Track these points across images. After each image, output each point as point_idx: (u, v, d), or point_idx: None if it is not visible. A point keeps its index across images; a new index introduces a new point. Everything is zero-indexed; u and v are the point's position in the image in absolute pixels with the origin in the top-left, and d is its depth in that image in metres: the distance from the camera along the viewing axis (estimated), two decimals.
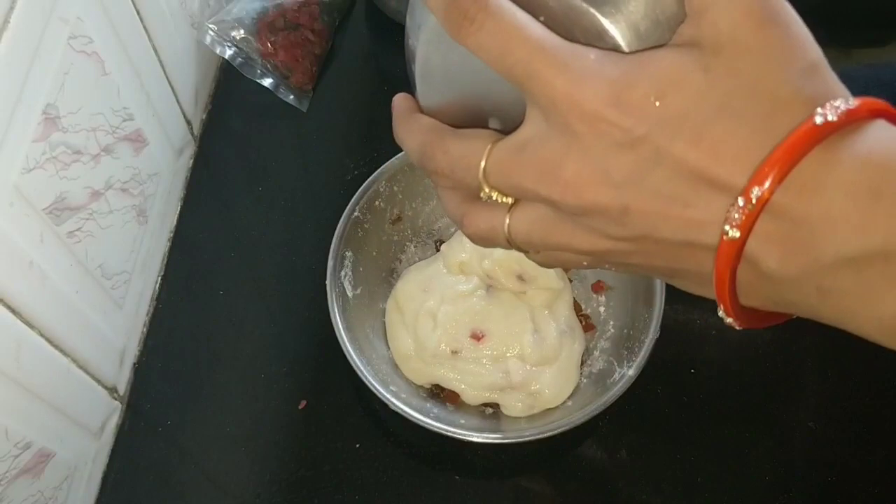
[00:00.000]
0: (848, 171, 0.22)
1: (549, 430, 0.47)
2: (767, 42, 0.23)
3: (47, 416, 0.45)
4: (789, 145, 0.22)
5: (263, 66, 0.65)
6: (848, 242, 0.22)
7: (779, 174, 0.22)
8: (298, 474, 0.51)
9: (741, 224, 0.23)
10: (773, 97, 0.23)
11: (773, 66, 0.23)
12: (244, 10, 0.64)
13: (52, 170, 0.42)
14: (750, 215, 0.23)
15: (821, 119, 0.22)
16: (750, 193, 0.23)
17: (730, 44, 0.23)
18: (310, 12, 0.66)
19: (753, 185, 0.23)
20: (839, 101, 0.23)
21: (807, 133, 0.22)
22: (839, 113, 0.23)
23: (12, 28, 0.37)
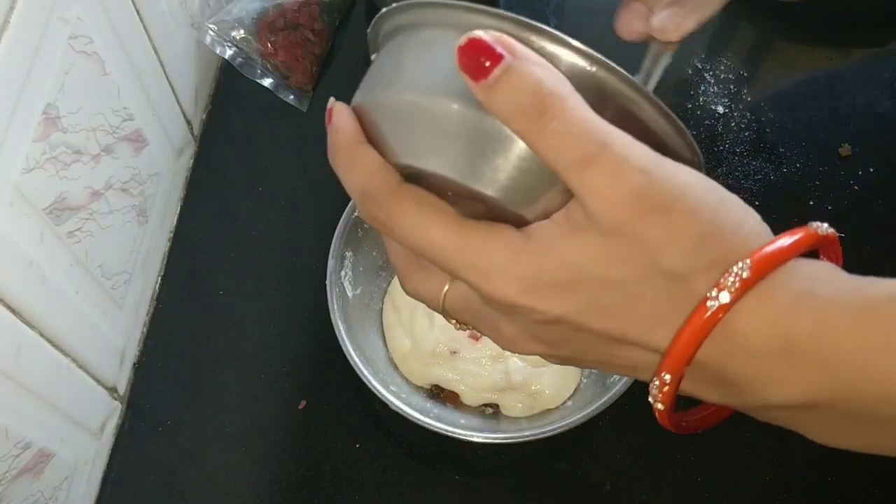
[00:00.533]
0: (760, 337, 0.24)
1: (549, 430, 0.47)
2: (650, 230, 0.24)
3: (47, 416, 0.45)
4: (689, 334, 0.24)
5: (263, 66, 0.65)
6: (773, 398, 0.25)
7: (678, 364, 0.25)
8: (298, 474, 0.51)
9: (663, 399, 0.26)
10: (665, 280, 0.25)
11: (661, 252, 0.24)
12: (244, 10, 0.64)
13: (52, 170, 0.42)
14: (667, 394, 0.26)
15: (713, 304, 0.24)
16: (662, 376, 0.25)
17: (614, 234, 0.24)
18: (310, 12, 0.66)
19: (663, 372, 0.25)
20: (733, 277, 0.24)
21: (704, 322, 0.24)
22: (734, 289, 0.24)
23: (12, 28, 0.37)
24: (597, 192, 0.24)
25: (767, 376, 0.25)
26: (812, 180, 0.61)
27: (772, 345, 0.24)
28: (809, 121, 0.65)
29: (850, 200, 0.60)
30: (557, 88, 0.24)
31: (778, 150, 0.63)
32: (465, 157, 0.26)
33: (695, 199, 0.24)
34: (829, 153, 0.62)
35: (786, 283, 0.24)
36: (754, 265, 0.24)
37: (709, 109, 0.65)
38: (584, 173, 0.24)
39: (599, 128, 0.24)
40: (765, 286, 0.24)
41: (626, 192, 0.24)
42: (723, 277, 0.24)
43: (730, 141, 0.63)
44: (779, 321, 0.24)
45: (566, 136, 0.24)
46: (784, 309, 0.24)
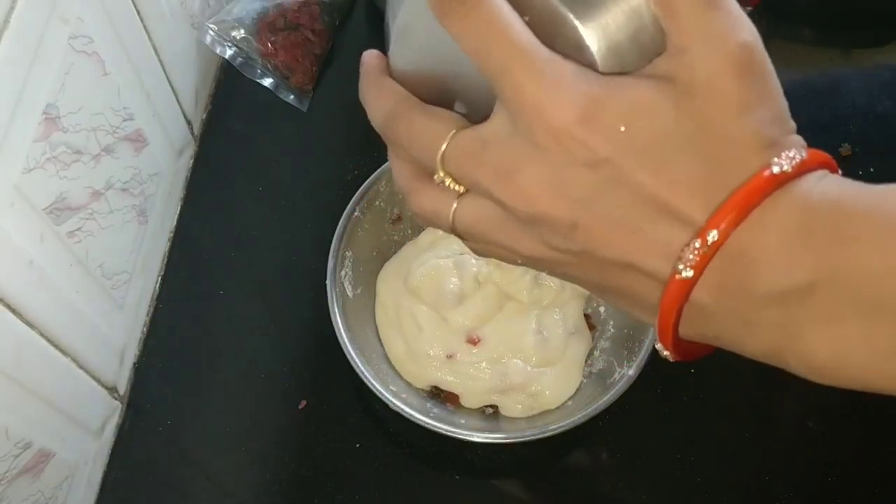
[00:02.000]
0: (786, 213, 0.24)
1: (550, 430, 0.47)
2: (739, 93, 0.24)
3: (47, 416, 0.45)
4: (747, 191, 0.24)
5: (263, 66, 0.65)
6: (777, 277, 0.23)
7: (734, 219, 0.24)
8: (298, 474, 0.51)
9: (695, 265, 0.24)
10: (735, 143, 0.24)
11: (740, 116, 0.24)
12: (244, 10, 0.64)
13: (52, 170, 0.42)
14: (704, 256, 0.24)
15: (777, 169, 0.24)
16: (706, 236, 0.24)
17: (703, 89, 0.24)
18: (310, 12, 0.66)
19: (710, 228, 0.24)
20: (794, 152, 0.24)
21: (764, 181, 0.24)
22: (793, 164, 0.24)
23: (12, 28, 0.37)
24: (710, 39, 0.24)
25: (782, 254, 0.24)
26: None
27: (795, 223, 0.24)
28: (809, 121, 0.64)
29: None
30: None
31: None
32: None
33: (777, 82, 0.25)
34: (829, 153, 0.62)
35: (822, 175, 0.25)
36: (808, 153, 0.24)
37: None
38: (700, 15, 0.24)
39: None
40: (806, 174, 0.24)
41: (738, 43, 0.24)
42: (782, 153, 0.24)
43: None
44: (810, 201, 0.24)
45: None
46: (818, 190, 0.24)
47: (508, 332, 0.52)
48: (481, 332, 0.52)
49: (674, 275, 0.24)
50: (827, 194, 0.24)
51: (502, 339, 0.52)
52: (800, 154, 0.24)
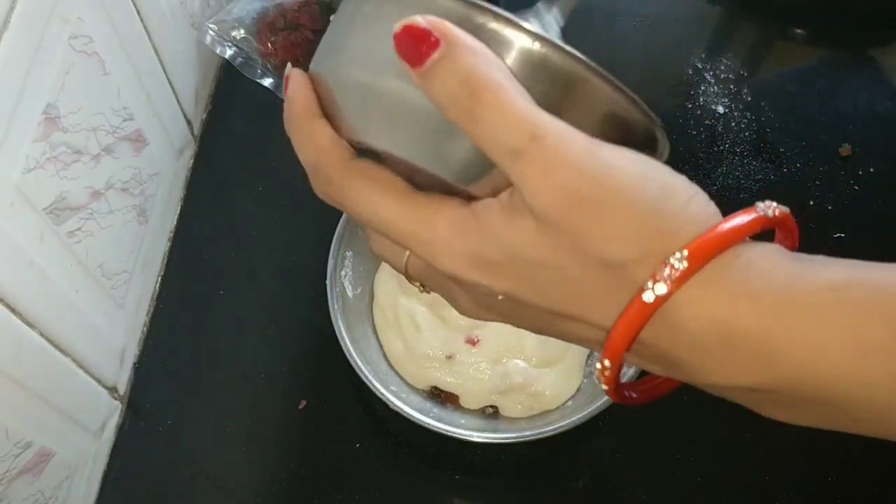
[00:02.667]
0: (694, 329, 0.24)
1: (549, 430, 0.47)
2: (581, 223, 0.24)
3: (47, 416, 0.45)
4: (624, 327, 0.25)
5: (263, 66, 0.65)
6: (717, 380, 0.25)
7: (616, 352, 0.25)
8: (298, 474, 0.51)
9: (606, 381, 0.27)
10: (602, 267, 0.25)
11: (594, 243, 0.24)
12: (244, 10, 0.64)
13: (52, 170, 0.42)
14: (609, 376, 0.26)
15: (649, 296, 0.24)
16: (604, 362, 0.26)
17: (552, 221, 0.24)
18: (310, 12, 0.66)
19: (603, 358, 0.26)
20: (668, 269, 0.24)
21: (639, 311, 0.24)
22: (671, 280, 0.24)
23: (12, 28, 0.37)
24: (528, 184, 0.24)
25: (711, 362, 0.24)
26: (812, 180, 0.61)
27: (711, 335, 0.24)
28: (809, 121, 0.64)
29: (850, 200, 0.60)
30: (491, 76, 0.24)
31: (778, 150, 0.63)
32: (413, 137, 0.26)
33: (631, 189, 0.24)
34: (829, 153, 0.62)
35: (725, 273, 0.24)
36: (691, 255, 0.24)
37: (709, 109, 0.65)
38: (515, 165, 0.24)
39: (532, 118, 0.24)
40: (704, 275, 0.24)
41: (556, 187, 0.24)
42: (659, 268, 0.24)
43: (730, 141, 0.63)
44: (717, 312, 0.24)
45: (497, 126, 0.24)
46: (722, 300, 0.24)
47: (509, 333, 0.52)
48: (481, 333, 0.52)
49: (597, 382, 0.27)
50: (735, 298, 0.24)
51: (502, 339, 0.52)
52: (679, 264, 0.24)
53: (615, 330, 0.25)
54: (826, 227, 0.59)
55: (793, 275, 0.24)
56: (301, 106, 0.29)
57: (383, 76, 0.26)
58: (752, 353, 0.24)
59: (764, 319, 0.23)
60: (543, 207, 0.24)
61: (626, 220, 0.24)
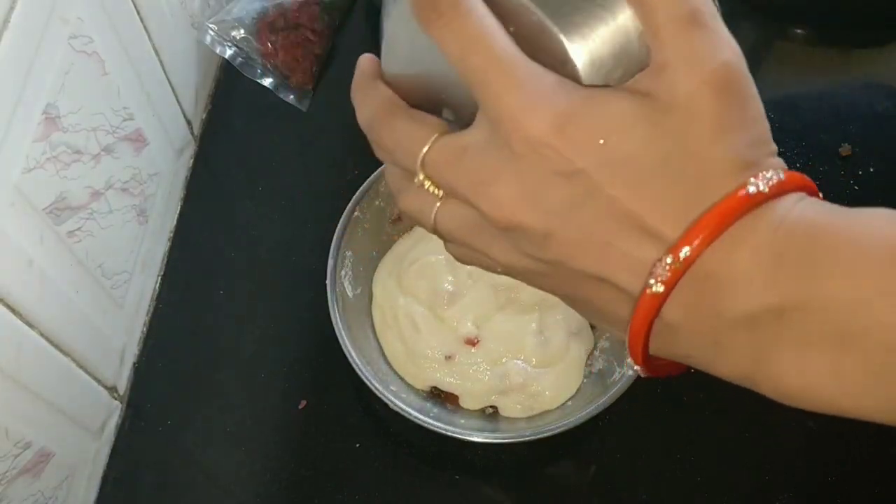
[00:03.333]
0: (760, 236, 0.24)
1: (549, 430, 0.47)
2: (719, 113, 0.24)
3: (47, 416, 0.45)
4: (722, 210, 0.23)
5: (263, 66, 0.65)
6: (747, 300, 0.24)
7: (708, 237, 0.23)
8: (298, 474, 0.51)
9: (666, 280, 0.24)
10: (711, 163, 0.24)
11: (718, 136, 0.24)
12: (244, 10, 0.64)
13: (52, 169, 0.42)
14: (675, 273, 0.24)
15: (753, 189, 0.24)
16: (679, 252, 0.23)
17: (682, 108, 0.24)
18: (310, 12, 0.66)
19: (683, 245, 0.23)
20: (771, 174, 0.24)
21: (739, 201, 0.23)
22: (770, 185, 0.24)
23: (12, 28, 0.37)
24: (691, 57, 0.24)
25: (754, 277, 0.24)
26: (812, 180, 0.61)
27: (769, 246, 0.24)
28: (809, 121, 0.64)
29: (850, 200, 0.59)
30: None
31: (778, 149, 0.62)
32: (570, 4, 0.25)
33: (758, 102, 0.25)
34: (829, 153, 0.62)
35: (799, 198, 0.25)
36: (787, 175, 0.24)
37: None
38: (683, 33, 0.24)
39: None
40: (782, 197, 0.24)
41: (720, 63, 0.24)
42: (759, 174, 0.24)
43: None
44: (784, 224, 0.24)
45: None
46: (794, 214, 0.24)
47: (508, 333, 0.52)
48: (480, 333, 0.52)
49: (644, 290, 0.24)
50: (802, 219, 0.24)
51: (502, 340, 0.52)
52: (777, 176, 0.24)
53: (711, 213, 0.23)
54: None
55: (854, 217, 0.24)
56: (364, 70, 0.30)
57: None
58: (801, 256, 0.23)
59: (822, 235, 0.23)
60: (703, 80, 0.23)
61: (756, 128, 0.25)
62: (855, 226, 0.23)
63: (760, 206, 0.24)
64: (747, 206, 0.23)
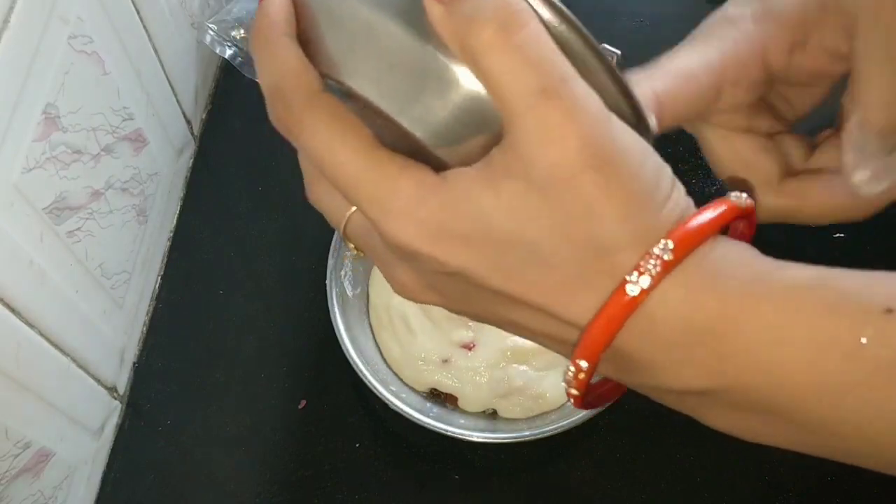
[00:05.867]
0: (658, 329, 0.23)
1: (549, 430, 0.47)
2: (587, 187, 0.22)
3: (47, 416, 0.45)
4: (605, 323, 0.23)
5: None
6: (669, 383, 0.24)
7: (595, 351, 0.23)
8: (298, 474, 0.51)
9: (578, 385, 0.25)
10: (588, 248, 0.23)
11: (592, 215, 0.22)
12: (244, 10, 0.64)
13: (52, 169, 0.42)
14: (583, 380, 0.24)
15: (633, 289, 0.23)
16: (578, 363, 0.24)
17: (540, 191, 0.22)
18: None
19: (578, 358, 0.24)
20: (653, 259, 0.22)
21: (623, 306, 0.23)
22: (655, 272, 0.22)
23: (12, 28, 0.37)
24: (545, 131, 0.22)
25: (668, 360, 0.24)
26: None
27: (676, 329, 0.23)
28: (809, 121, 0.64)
29: None
30: (524, 7, 0.22)
31: None
32: (397, 80, 0.24)
33: (636, 164, 0.23)
34: None
35: (699, 265, 0.23)
36: (677, 245, 0.22)
37: None
38: (537, 106, 0.22)
39: (563, 60, 0.22)
40: (679, 267, 0.23)
41: (576, 137, 0.22)
42: (643, 259, 0.22)
43: None
44: (686, 305, 0.23)
45: (528, 58, 0.22)
46: (693, 293, 0.23)
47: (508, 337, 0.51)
48: (476, 337, 0.52)
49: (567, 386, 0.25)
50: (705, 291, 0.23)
51: (500, 343, 0.51)
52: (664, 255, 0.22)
53: (595, 326, 0.23)
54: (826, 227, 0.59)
55: (761, 271, 0.23)
56: (273, 20, 0.25)
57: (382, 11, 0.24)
58: (710, 345, 0.23)
59: (727, 312, 0.23)
60: (554, 160, 0.22)
61: (628, 196, 0.22)
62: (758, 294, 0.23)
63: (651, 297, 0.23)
64: (633, 306, 0.23)
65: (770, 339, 0.23)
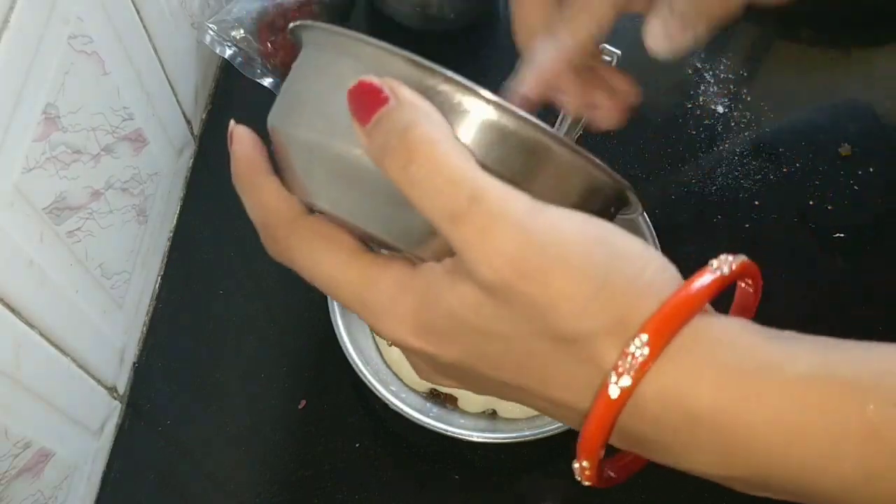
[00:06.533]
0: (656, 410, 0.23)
1: (549, 430, 0.47)
2: (529, 291, 0.22)
3: (47, 416, 0.45)
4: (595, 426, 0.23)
5: (263, 66, 0.65)
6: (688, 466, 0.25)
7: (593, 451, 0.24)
8: (298, 474, 0.51)
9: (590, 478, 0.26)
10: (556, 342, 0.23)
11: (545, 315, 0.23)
12: (244, 10, 0.64)
13: (52, 169, 0.42)
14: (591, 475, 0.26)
15: (615, 391, 0.23)
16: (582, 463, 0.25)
17: (497, 290, 0.23)
18: (310, 12, 0.66)
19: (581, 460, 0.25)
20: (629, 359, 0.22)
21: (609, 408, 0.23)
22: (633, 371, 0.22)
23: (12, 28, 0.37)
24: (469, 251, 0.22)
25: (678, 444, 0.23)
26: (812, 180, 0.61)
27: (676, 417, 0.23)
28: (809, 121, 0.64)
29: (850, 200, 0.60)
30: (430, 134, 0.23)
31: (778, 150, 0.63)
32: (355, 199, 0.26)
33: (580, 256, 0.22)
34: (829, 153, 0.62)
35: (688, 349, 0.23)
36: (652, 339, 0.22)
37: (709, 109, 0.65)
38: (455, 230, 0.23)
39: (470, 178, 0.23)
40: (666, 353, 0.23)
41: (497, 255, 0.22)
42: (622, 358, 0.22)
43: (730, 141, 0.63)
44: (680, 391, 0.23)
45: (433, 187, 0.22)
46: (684, 379, 0.23)
47: None
48: None
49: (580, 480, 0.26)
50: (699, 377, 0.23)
51: None
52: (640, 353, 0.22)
53: (586, 430, 0.24)
54: (826, 227, 0.59)
55: (761, 358, 0.23)
56: (245, 163, 0.28)
57: (330, 136, 0.25)
58: (715, 437, 0.23)
59: (725, 405, 0.22)
60: (486, 275, 0.22)
61: (576, 289, 0.22)
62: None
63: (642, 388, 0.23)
64: (619, 405, 0.23)
65: (779, 432, 0.22)
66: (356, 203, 0.26)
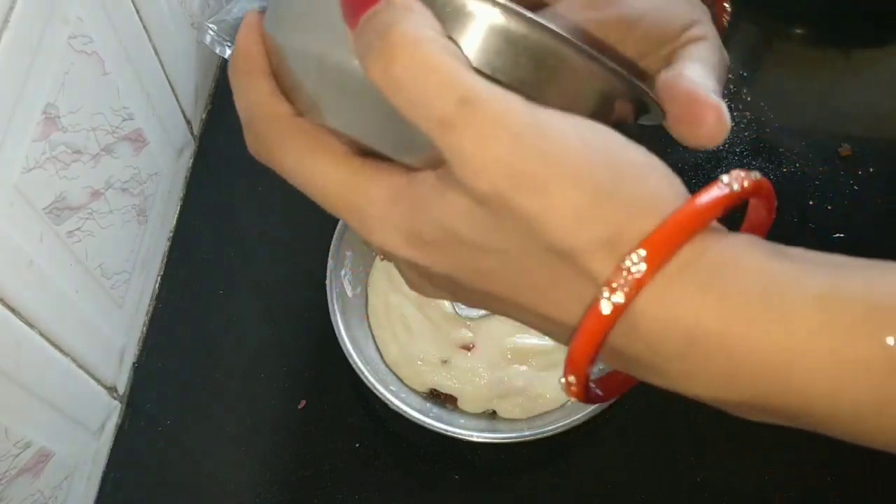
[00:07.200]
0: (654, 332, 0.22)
1: (549, 429, 0.47)
2: (523, 202, 0.21)
3: (47, 416, 0.45)
4: (584, 342, 0.22)
5: None
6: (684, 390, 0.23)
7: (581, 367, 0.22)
8: (298, 474, 0.51)
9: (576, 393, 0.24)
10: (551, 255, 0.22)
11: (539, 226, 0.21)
12: (244, 10, 0.64)
13: (52, 169, 0.42)
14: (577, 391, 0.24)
15: (606, 307, 0.21)
16: (569, 379, 0.23)
17: (489, 201, 0.21)
18: None
19: (568, 375, 0.23)
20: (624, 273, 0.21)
21: (599, 323, 0.21)
22: (627, 289, 0.21)
23: (12, 28, 0.37)
24: (459, 159, 0.21)
25: (675, 368, 0.22)
26: (812, 180, 0.61)
27: (675, 339, 0.21)
28: (809, 121, 0.64)
29: (850, 200, 0.60)
30: (414, 32, 0.21)
31: (778, 150, 0.63)
32: (344, 107, 0.25)
33: (578, 165, 0.21)
34: (829, 153, 0.62)
35: (690, 268, 0.21)
36: (649, 255, 0.21)
37: None
38: (444, 136, 0.21)
39: (460, 80, 0.21)
40: (667, 272, 0.21)
41: (490, 162, 0.21)
42: (615, 273, 0.21)
43: (730, 141, 0.63)
44: (678, 312, 0.21)
45: (418, 89, 0.21)
46: (685, 300, 0.21)
47: (507, 337, 0.51)
48: (475, 338, 0.52)
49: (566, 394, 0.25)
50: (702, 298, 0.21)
51: (500, 344, 0.51)
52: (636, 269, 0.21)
53: (574, 345, 0.22)
54: (826, 227, 0.59)
55: (768, 279, 0.21)
56: (244, 58, 0.27)
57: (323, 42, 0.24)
58: (718, 362, 0.21)
59: (734, 326, 0.21)
60: (478, 185, 0.21)
61: (572, 202, 0.21)
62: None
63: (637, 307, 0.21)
64: (610, 323, 0.21)
65: (782, 353, 0.21)
66: (343, 110, 0.25)
